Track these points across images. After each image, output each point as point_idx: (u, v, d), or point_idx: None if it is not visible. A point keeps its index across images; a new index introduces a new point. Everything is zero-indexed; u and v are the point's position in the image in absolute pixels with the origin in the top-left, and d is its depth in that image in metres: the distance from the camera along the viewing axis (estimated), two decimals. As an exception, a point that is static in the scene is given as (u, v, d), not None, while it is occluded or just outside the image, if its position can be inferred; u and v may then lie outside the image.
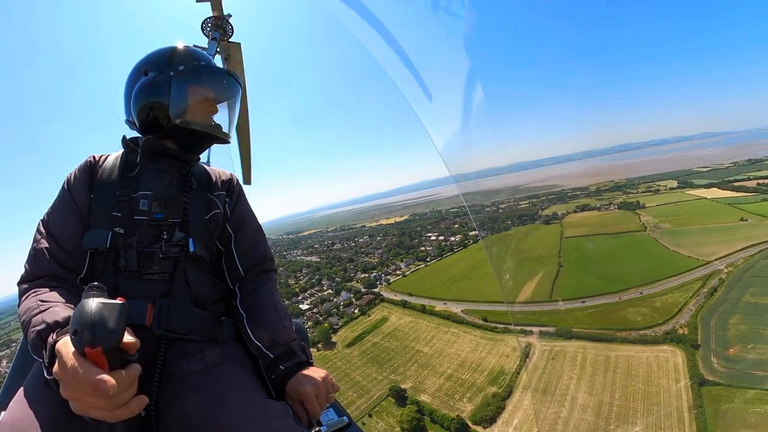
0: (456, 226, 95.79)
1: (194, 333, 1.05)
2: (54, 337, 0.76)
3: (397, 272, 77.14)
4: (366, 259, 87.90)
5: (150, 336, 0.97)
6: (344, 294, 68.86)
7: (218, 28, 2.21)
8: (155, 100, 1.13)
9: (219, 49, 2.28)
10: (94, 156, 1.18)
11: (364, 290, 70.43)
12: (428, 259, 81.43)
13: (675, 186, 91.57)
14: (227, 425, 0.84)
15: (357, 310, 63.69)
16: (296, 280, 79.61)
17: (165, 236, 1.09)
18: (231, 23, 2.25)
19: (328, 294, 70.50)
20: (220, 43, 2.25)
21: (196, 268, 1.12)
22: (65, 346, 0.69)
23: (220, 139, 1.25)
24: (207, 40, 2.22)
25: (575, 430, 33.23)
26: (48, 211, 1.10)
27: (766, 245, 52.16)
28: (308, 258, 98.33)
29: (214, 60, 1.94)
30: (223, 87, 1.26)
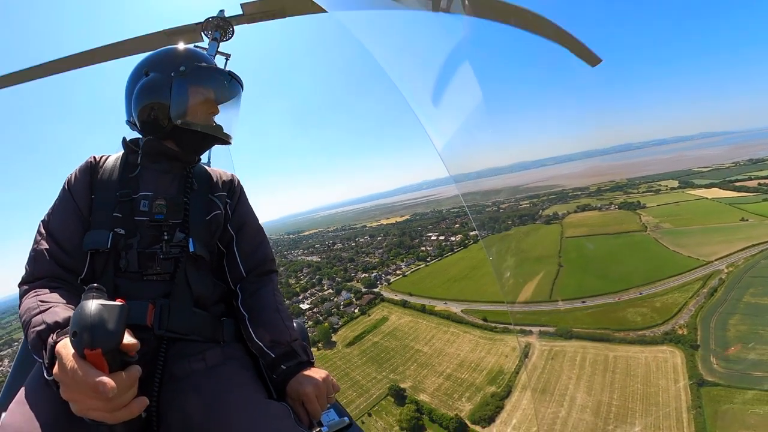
0: (456, 226, 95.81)
1: (195, 333, 1.05)
2: (54, 338, 0.76)
3: (398, 272, 77.22)
4: (366, 258, 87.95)
5: (151, 336, 0.97)
6: (344, 294, 68.93)
7: (219, 29, 2.21)
8: (156, 101, 1.13)
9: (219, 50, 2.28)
10: (94, 157, 1.17)
11: (364, 290, 70.48)
12: (428, 258, 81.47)
13: (676, 186, 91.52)
14: (228, 426, 0.84)
15: (357, 309, 63.76)
16: (297, 279, 79.70)
17: (166, 237, 1.09)
18: (232, 24, 2.25)
19: (328, 294, 70.58)
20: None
21: (196, 269, 1.12)
22: (65, 347, 0.69)
23: (221, 140, 1.25)
24: (207, 40, 2.22)
25: (574, 430, 33.24)
26: (48, 211, 1.10)
27: (766, 245, 52.08)
28: (309, 258, 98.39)
29: (214, 60, 1.94)
30: (224, 88, 1.26)
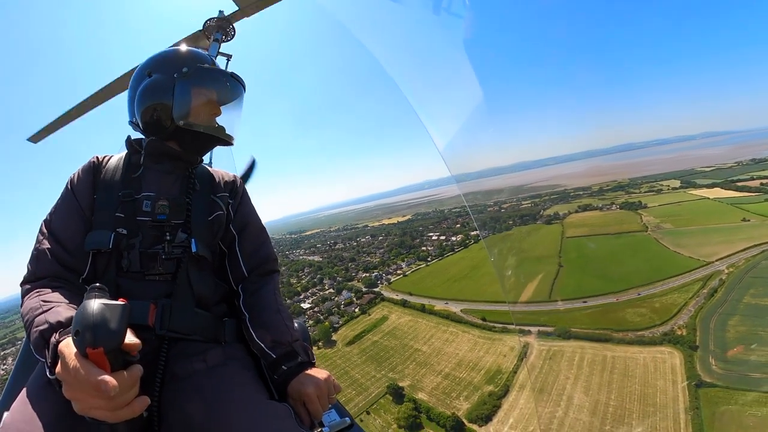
0: (458, 225, 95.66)
1: (196, 333, 1.06)
2: (57, 337, 0.77)
3: (398, 272, 77.14)
4: (367, 258, 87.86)
5: (152, 336, 0.97)
6: (345, 293, 68.92)
7: (220, 29, 2.21)
8: (159, 102, 1.13)
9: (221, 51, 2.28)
10: (97, 156, 1.18)
11: (364, 289, 70.50)
12: (429, 258, 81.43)
13: (678, 186, 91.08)
14: (229, 426, 0.84)
15: (357, 309, 63.81)
16: (298, 279, 79.72)
17: (168, 237, 1.09)
18: (232, 22, 2.24)
19: (329, 293, 70.61)
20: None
21: (198, 269, 1.13)
22: (68, 347, 0.70)
23: (224, 141, 1.26)
24: (209, 41, 2.22)
25: (570, 430, 33.26)
26: (51, 211, 1.10)
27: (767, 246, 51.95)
28: (310, 257, 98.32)
29: (216, 61, 1.94)
30: (227, 89, 1.27)
